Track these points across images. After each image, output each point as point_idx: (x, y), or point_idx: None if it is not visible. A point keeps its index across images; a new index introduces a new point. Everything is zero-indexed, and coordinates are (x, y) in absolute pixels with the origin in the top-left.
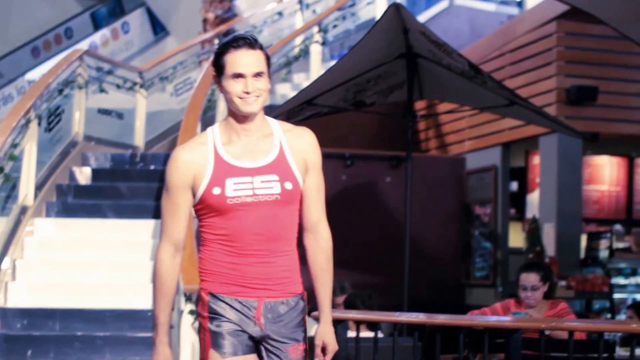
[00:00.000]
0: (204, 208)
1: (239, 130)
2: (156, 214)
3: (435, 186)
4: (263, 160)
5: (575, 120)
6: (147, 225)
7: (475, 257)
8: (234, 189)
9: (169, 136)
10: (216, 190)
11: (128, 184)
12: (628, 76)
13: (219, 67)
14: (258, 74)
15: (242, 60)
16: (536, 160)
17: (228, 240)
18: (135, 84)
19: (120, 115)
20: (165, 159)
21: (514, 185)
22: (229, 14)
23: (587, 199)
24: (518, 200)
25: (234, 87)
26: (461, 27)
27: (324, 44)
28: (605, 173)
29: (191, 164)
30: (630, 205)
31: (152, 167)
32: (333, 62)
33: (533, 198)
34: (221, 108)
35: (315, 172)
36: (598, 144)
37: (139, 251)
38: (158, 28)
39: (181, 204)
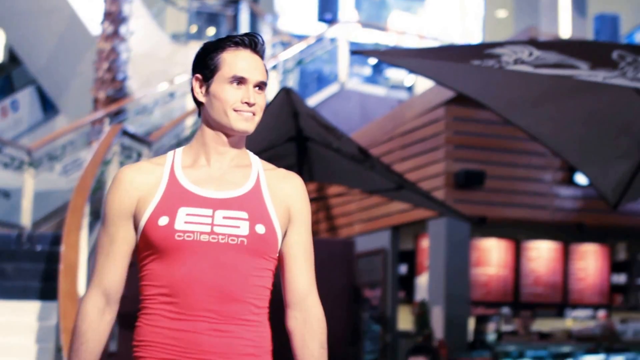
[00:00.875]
0: (145, 248)
1: (211, 153)
2: (43, 295)
3: (324, 269)
4: (231, 192)
5: (463, 204)
6: (32, 307)
7: (364, 340)
8: (186, 221)
9: (57, 216)
10: (163, 221)
11: (14, 265)
12: (514, 161)
13: (209, 67)
14: (261, 86)
15: (246, 62)
16: (425, 243)
17: (171, 296)
18: (23, 162)
19: (6, 195)
20: (53, 239)
21: (403, 268)
22: (120, 94)
23: (475, 282)
24: (407, 283)
25: (231, 94)
26: (352, 111)
27: None
28: (492, 256)
29: (138, 185)
30: (517, 288)
31: (39, 247)
32: None
33: (422, 281)
34: None
35: (302, 226)
36: (486, 227)
37: (25, 334)
38: (48, 106)
39: (118, 239)
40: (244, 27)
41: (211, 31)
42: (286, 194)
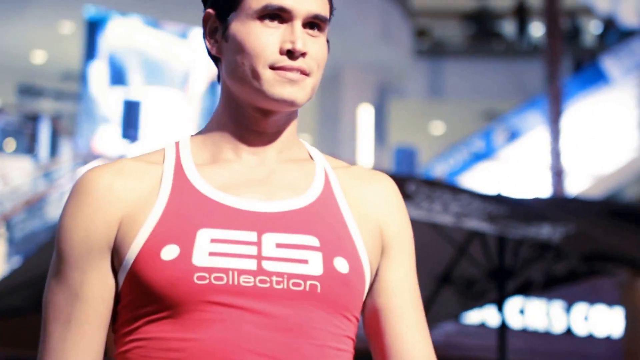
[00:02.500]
0: (135, 302)
1: (240, 145)
2: None
3: None
4: (287, 202)
5: None
6: None
7: None
8: (212, 252)
9: None
10: (170, 252)
11: None
12: None
13: None
14: (317, 23)
15: None
16: None
17: None
18: None
19: None
20: None
21: None
22: None
23: None
24: None
25: (264, 39)
26: None
27: (10, 241)
28: None
29: (121, 194)
30: None
31: None
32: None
33: None
34: None
35: (405, 257)
36: None
37: None
38: None
39: (90, 291)
40: (44, 145)
41: (10, 146)
42: (375, 205)
